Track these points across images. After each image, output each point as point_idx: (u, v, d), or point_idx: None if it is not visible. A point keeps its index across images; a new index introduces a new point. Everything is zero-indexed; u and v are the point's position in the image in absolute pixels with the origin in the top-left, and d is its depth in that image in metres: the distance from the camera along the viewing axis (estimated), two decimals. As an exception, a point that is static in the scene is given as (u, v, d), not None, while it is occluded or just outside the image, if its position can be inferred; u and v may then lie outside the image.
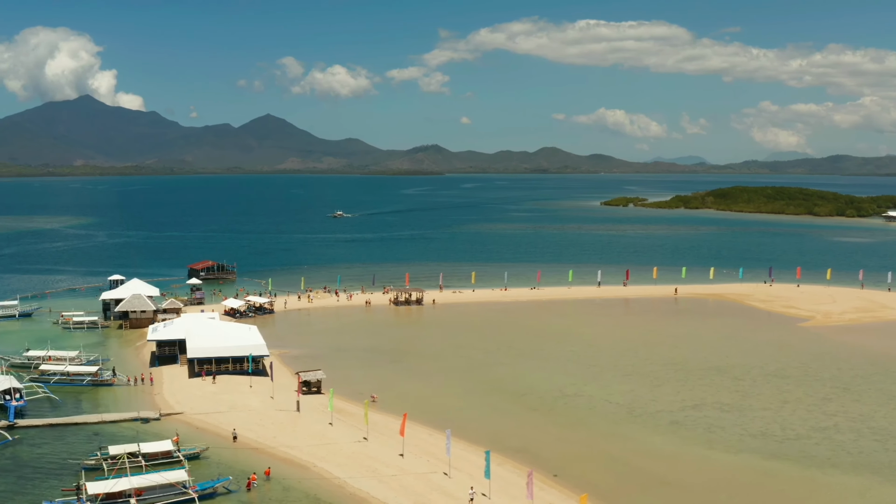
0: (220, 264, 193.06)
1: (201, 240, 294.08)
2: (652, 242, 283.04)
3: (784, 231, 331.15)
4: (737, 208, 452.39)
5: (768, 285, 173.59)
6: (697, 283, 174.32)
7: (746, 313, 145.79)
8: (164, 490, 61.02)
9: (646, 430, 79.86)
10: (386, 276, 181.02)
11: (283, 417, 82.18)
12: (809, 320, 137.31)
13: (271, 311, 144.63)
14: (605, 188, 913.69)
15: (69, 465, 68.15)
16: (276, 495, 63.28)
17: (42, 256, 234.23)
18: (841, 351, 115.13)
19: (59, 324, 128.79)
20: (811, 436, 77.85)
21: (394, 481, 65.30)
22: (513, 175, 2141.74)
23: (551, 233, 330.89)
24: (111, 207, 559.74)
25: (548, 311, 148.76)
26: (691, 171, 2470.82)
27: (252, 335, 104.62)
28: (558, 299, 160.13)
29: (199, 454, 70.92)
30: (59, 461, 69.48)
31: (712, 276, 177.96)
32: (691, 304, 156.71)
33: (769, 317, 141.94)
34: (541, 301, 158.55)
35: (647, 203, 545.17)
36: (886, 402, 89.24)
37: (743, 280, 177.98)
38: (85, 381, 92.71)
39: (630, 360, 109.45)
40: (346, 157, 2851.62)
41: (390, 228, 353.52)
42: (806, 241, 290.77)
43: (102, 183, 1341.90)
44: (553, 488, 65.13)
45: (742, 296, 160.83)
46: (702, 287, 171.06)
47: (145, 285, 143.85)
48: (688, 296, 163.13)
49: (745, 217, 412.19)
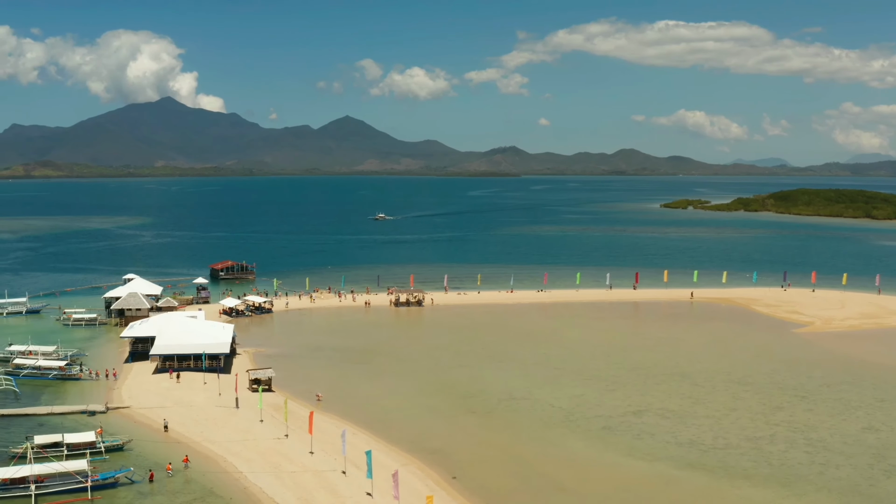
0: (241, 264, 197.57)
1: (240, 240, 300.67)
2: (688, 245, 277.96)
3: (834, 234, 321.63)
4: (796, 211, 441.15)
5: (783, 290, 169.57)
6: (710, 287, 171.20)
7: (745, 318, 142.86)
8: (63, 478, 63.61)
9: (573, 436, 79.51)
10: (400, 277, 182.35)
11: (219, 413, 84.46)
12: (807, 326, 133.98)
13: (269, 311, 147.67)
14: (675, 190, 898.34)
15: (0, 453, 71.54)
16: (175, 487, 65.36)
17: (79, 255, 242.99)
18: (822, 358, 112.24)
19: (61, 320, 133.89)
20: (740, 445, 76.38)
21: (290, 478, 66.76)
22: (589, 177, 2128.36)
23: (594, 235, 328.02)
24: (172, 208, 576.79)
25: (543, 313, 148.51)
26: (771, 173, 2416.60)
27: (222, 334, 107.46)
28: (560, 302, 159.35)
29: (123, 446, 73.51)
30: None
31: (725, 280, 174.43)
32: (693, 308, 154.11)
33: (767, 322, 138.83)
34: (541, 304, 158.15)
35: (707, 206, 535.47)
36: (840, 412, 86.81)
37: (757, 284, 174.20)
38: (51, 376, 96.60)
39: (599, 363, 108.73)
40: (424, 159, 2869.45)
41: (431, 230, 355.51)
42: (851, 244, 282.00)
43: (177, 184, 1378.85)
44: (441, 490, 65.61)
45: (750, 300, 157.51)
46: (713, 291, 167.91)
47: (148, 284, 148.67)
48: (698, 300, 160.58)
49: (803, 220, 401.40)
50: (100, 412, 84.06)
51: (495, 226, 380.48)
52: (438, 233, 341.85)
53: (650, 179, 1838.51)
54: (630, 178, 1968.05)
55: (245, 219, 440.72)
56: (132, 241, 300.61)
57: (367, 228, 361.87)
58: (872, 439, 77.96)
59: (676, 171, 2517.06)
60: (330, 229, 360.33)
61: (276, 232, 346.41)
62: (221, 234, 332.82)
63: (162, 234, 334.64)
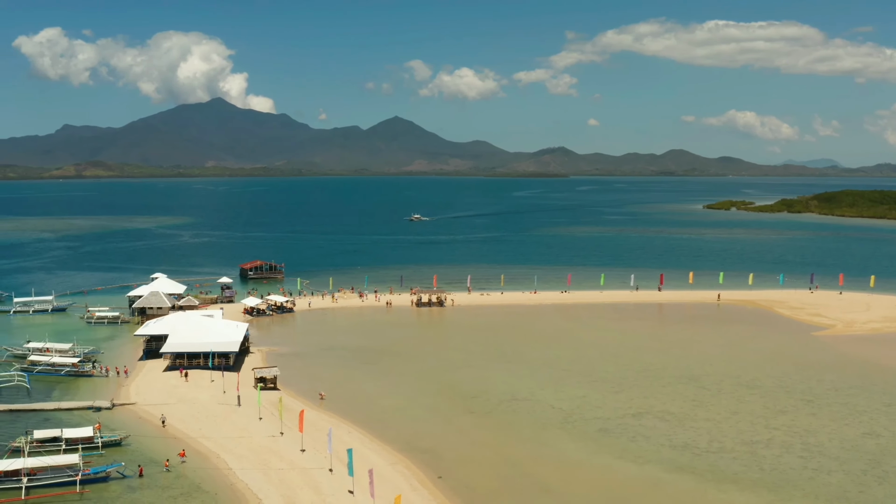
0: (270, 264, 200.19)
1: (277, 240, 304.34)
2: (722, 247, 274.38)
3: (874, 236, 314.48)
4: (839, 212, 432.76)
5: (810, 292, 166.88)
6: (736, 289, 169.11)
7: (766, 320, 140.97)
8: (54, 472, 65.39)
9: (567, 437, 79.37)
10: (428, 277, 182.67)
11: (220, 411, 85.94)
12: (827, 329, 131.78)
13: (291, 311, 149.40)
14: (722, 191, 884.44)
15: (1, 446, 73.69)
16: (164, 482, 66.70)
17: (115, 255, 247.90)
18: (836, 361, 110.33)
19: (84, 318, 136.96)
20: (735, 449, 75.62)
21: (277, 475, 67.76)
22: (637, 178, 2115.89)
23: (631, 236, 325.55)
24: (215, 208, 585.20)
25: (562, 314, 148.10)
26: (822, 174, 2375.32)
27: (233, 333, 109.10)
28: (582, 303, 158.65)
29: (121, 441, 75.28)
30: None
31: (751, 282, 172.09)
32: (715, 310, 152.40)
33: (787, 324, 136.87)
34: (563, 305, 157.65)
35: (750, 207, 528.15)
36: (843, 417, 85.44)
37: (785, 286, 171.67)
38: (63, 372, 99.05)
39: (608, 365, 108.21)
40: (473, 160, 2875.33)
41: (467, 231, 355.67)
42: (888, 246, 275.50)
43: (224, 184, 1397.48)
44: (424, 490, 66.10)
45: (774, 302, 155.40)
46: (738, 293, 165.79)
47: (172, 283, 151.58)
48: (724, 302, 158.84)
49: (845, 222, 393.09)
50: (105, 408, 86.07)
51: (533, 227, 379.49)
52: (474, 233, 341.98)
53: (699, 180, 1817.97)
54: (678, 179, 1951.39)
55: (285, 219, 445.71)
56: (170, 240, 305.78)
57: (402, 229, 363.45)
58: (872, 445, 76.66)
59: (726, 172, 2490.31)
60: (367, 230, 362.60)
61: (313, 232, 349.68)
62: (259, 235, 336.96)
63: (201, 233, 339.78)
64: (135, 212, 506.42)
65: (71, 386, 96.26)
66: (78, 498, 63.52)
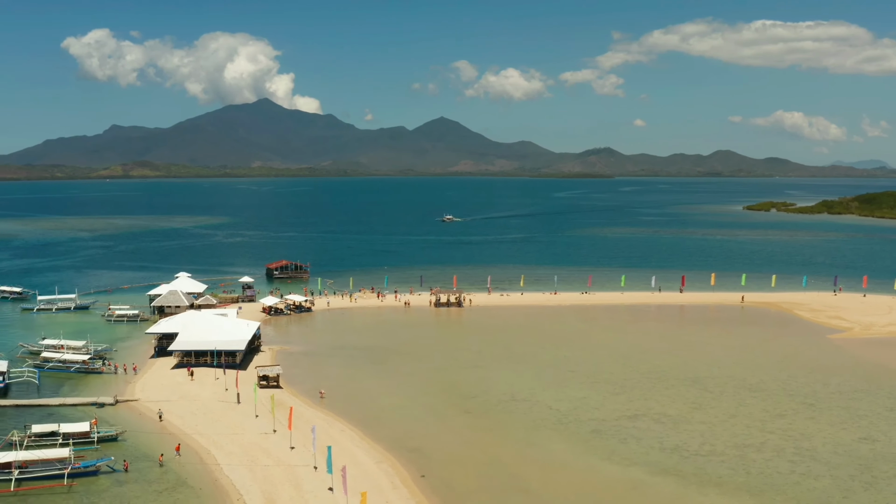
0: (296, 264, 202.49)
1: (309, 240, 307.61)
2: (754, 248, 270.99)
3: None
4: (880, 214, 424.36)
5: (834, 294, 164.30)
6: (758, 291, 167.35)
7: (783, 323, 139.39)
8: (45, 465, 67.26)
9: (558, 438, 79.41)
10: (452, 277, 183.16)
11: (219, 407, 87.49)
12: (844, 332, 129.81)
13: (309, 310, 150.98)
14: (767, 193, 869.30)
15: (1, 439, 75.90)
16: (151, 476, 68.32)
17: (147, 254, 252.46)
18: (846, 364, 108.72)
19: (105, 316, 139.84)
20: (725, 453, 75.06)
21: (262, 471, 68.94)
22: (683, 178, 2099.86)
23: (664, 237, 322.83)
24: (255, 208, 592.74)
25: (579, 315, 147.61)
26: (870, 175, 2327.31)
27: (242, 332, 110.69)
28: (601, 304, 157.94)
29: (117, 436, 77.14)
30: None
31: (773, 284, 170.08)
32: (737, 312, 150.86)
33: (804, 327, 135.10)
34: (581, 306, 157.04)
35: (791, 208, 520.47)
36: (842, 421, 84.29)
37: (809, 288, 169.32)
38: (73, 369, 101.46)
39: (614, 366, 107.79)
40: (519, 160, 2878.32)
41: (498, 232, 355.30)
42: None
43: (268, 184, 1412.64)
44: (404, 489, 66.74)
45: (794, 304, 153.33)
46: (760, 295, 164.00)
47: (192, 282, 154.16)
48: (747, 304, 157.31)
49: (885, 224, 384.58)
50: (109, 404, 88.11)
51: (566, 228, 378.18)
52: (505, 234, 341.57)
53: (744, 181, 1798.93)
54: (724, 180, 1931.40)
55: (321, 219, 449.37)
56: (204, 240, 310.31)
57: (434, 230, 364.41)
58: (866, 450, 75.60)
59: (773, 173, 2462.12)
60: (400, 230, 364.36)
61: (346, 232, 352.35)
62: (293, 235, 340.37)
63: (235, 233, 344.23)
64: (175, 212, 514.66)
65: (80, 382, 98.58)
66: (66, 491, 65.26)
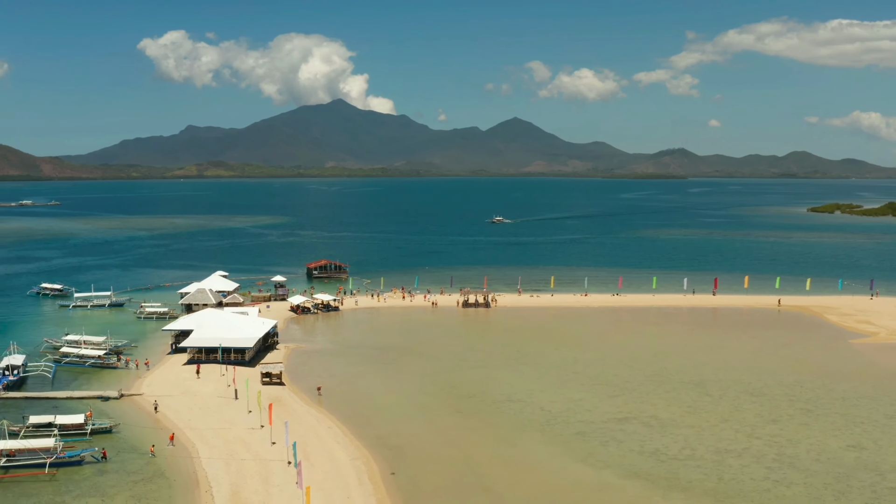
0: (336, 263, 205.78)
1: (359, 240, 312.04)
2: (802, 250, 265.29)
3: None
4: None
5: (870, 298, 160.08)
6: (792, 294, 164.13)
7: (809, 327, 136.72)
8: (31, 454, 70.49)
9: (541, 439, 79.59)
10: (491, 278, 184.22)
11: (216, 403, 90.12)
12: (868, 336, 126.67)
13: (337, 309, 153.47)
14: (835, 194, 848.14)
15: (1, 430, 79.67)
16: (132, 467, 71.02)
17: (198, 253, 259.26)
18: (859, 370, 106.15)
19: (137, 314, 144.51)
20: (704, 457, 74.37)
21: (238, 465, 71.01)
22: (756, 180, 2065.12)
23: (715, 239, 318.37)
24: (317, 208, 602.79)
25: (603, 317, 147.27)
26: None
27: (254, 330, 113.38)
28: (629, 306, 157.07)
29: (111, 428, 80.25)
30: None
31: (808, 288, 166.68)
32: (763, 315, 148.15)
33: (829, 331, 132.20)
34: (609, 308, 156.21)
35: (855, 210, 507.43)
36: (836, 428, 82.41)
37: (844, 292, 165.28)
38: (87, 364, 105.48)
39: (620, 369, 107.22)
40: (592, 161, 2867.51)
41: (549, 233, 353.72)
42: None
43: (337, 185, 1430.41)
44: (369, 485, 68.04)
45: (826, 308, 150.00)
46: (793, 298, 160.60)
47: (223, 280, 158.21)
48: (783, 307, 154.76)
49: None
50: (113, 398, 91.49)
51: (621, 229, 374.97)
52: (555, 235, 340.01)
53: (818, 183, 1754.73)
54: (797, 182, 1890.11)
55: (378, 219, 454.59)
56: (257, 239, 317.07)
57: (485, 231, 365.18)
58: (851, 458, 74.04)
59: (849, 175, 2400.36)
60: (452, 231, 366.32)
61: (398, 232, 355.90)
62: (346, 234, 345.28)
63: (290, 233, 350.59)
64: (238, 211, 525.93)
65: (93, 377, 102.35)
66: (48, 479, 68.31)
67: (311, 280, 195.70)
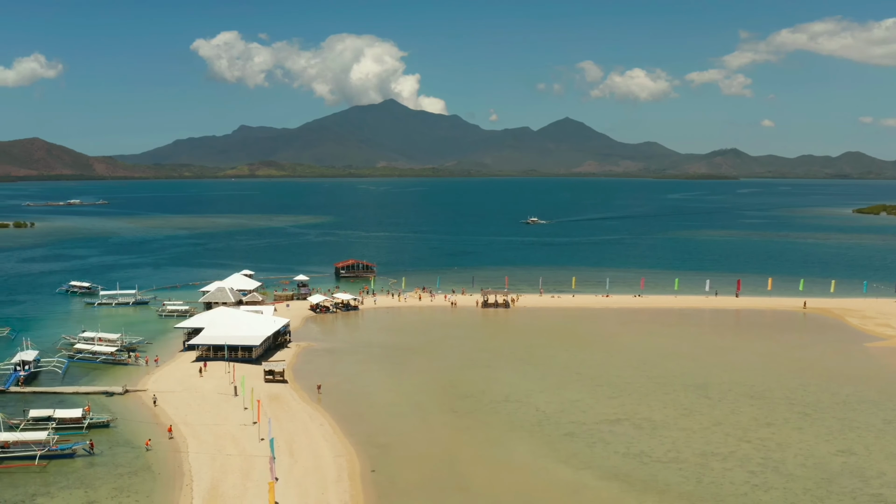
0: (364, 263, 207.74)
1: (394, 240, 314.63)
2: (836, 252, 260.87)
3: None
4: None
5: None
6: (816, 297, 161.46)
7: (827, 329, 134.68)
8: (24, 447, 72.90)
9: (527, 440, 79.74)
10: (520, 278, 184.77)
11: (215, 399, 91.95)
12: (886, 340, 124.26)
13: (356, 308, 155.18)
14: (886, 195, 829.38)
15: (6, 422, 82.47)
16: (121, 460, 73.03)
17: (232, 252, 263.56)
18: (869, 373, 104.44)
19: (158, 311, 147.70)
20: (688, 460, 73.95)
21: (223, 460, 72.53)
22: (809, 180, 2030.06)
23: (751, 240, 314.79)
24: (362, 207, 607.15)
25: (620, 318, 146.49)
26: None
27: (264, 328, 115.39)
28: (650, 308, 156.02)
29: (108, 423, 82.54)
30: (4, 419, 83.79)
31: (833, 290, 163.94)
32: (784, 317, 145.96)
33: (846, 334, 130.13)
34: (628, 308, 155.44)
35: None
36: (830, 433, 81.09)
37: (868, 294, 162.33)
38: (98, 360, 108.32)
39: (624, 370, 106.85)
40: (644, 161, 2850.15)
41: (584, 233, 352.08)
42: None
43: (386, 185, 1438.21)
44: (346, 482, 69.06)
45: (847, 311, 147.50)
46: (816, 300, 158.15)
47: (245, 279, 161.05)
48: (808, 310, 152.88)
49: None
50: (118, 393, 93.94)
51: (658, 230, 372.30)
52: (589, 236, 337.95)
53: (871, 184, 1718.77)
54: (850, 183, 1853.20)
55: (418, 219, 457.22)
56: (295, 239, 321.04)
57: (520, 231, 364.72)
58: (837, 463, 73.01)
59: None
60: (489, 231, 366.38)
61: (436, 232, 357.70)
62: (383, 234, 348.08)
63: (328, 232, 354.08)
64: (281, 211, 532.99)
65: (104, 372, 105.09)
66: (38, 471, 70.64)
67: (338, 279, 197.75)
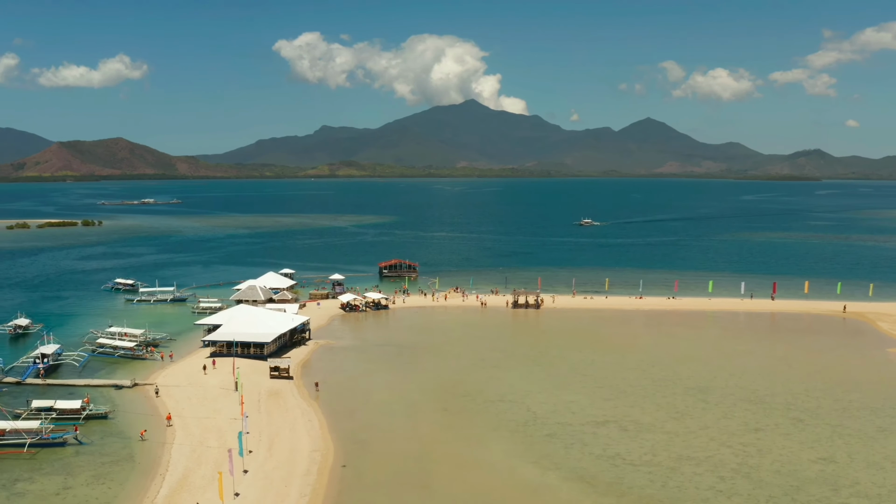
0: (406, 262, 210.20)
1: (449, 240, 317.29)
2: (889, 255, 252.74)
3: None
4: None
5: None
6: (853, 300, 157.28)
7: (854, 333, 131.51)
8: (16, 435, 76.72)
9: (507, 440, 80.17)
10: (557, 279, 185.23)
11: (215, 394, 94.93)
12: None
13: (386, 307, 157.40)
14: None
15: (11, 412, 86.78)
16: (108, 450, 76.39)
17: (286, 251, 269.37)
18: (882, 380, 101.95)
19: (193, 308, 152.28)
20: (661, 464, 73.37)
21: (202, 453, 75.15)
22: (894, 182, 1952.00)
23: (811, 242, 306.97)
24: (429, 207, 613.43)
25: (646, 320, 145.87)
26: None
27: (279, 326, 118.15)
28: (681, 310, 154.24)
29: (106, 414, 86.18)
30: (10, 409, 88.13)
31: (871, 293, 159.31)
32: (813, 321, 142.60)
33: (872, 338, 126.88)
34: (658, 311, 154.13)
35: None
36: (818, 440, 79.22)
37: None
38: (116, 354, 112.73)
39: (629, 372, 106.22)
40: (726, 162, 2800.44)
41: (639, 235, 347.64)
42: None
43: (462, 185, 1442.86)
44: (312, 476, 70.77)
45: (880, 315, 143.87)
46: (854, 304, 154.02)
47: (278, 278, 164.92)
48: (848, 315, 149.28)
49: None
50: (126, 387, 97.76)
51: (721, 231, 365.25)
52: (645, 237, 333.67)
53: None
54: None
55: (480, 220, 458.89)
56: (350, 238, 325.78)
57: (573, 232, 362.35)
58: (814, 471, 71.43)
59: None
60: (544, 232, 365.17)
61: (492, 233, 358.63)
62: (440, 234, 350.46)
63: (385, 232, 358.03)
64: (348, 210, 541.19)
65: (120, 366, 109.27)
66: (27, 458, 74.41)
67: (381, 278, 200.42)
